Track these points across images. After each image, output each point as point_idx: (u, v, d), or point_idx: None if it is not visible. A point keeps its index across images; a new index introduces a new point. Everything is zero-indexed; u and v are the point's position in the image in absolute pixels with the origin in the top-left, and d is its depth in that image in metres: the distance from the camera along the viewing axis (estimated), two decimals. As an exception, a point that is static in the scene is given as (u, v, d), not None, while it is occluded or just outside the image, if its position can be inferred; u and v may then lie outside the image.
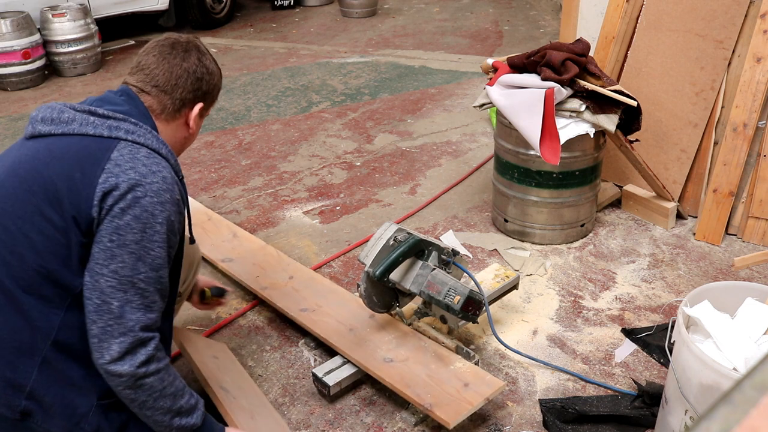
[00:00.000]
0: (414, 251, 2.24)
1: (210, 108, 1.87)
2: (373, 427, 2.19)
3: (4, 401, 1.52)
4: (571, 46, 2.94)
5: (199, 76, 1.75)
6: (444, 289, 2.16)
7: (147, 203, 1.53)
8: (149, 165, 1.57)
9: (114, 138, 1.58)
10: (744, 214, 3.13)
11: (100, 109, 1.61)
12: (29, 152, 1.61)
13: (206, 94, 1.80)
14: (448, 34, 7.05)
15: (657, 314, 2.70)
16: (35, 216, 1.52)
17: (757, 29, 2.96)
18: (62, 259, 1.52)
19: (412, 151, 4.26)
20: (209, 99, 1.83)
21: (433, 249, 2.28)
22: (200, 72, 1.76)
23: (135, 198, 1.51)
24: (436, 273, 2.20)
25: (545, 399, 2.27)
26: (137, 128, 1.62)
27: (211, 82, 1.80)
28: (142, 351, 1.53)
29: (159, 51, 1.73)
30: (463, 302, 2.14)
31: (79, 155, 1.55)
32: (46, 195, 1.52)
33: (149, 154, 1.60)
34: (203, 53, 1.79)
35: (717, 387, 1.66)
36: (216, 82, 1.83)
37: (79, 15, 5.89)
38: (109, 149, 1.56)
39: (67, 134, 1.59)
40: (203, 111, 1.82)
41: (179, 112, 1.75)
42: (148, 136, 1.63)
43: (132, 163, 1.54)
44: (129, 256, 1.52)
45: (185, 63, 1.73)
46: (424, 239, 2.25)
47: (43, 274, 1.52)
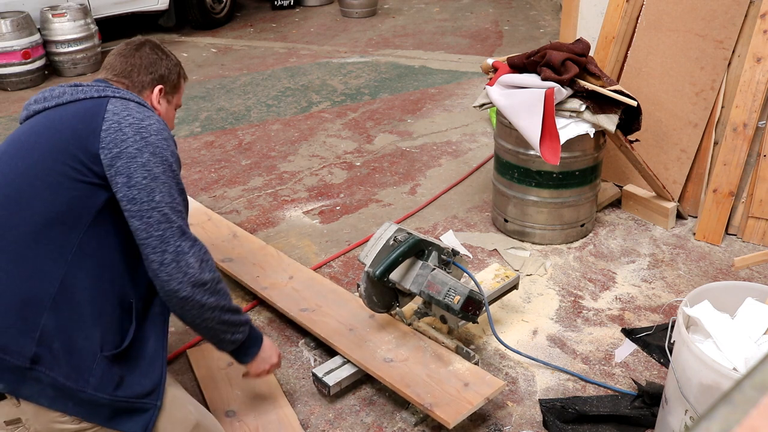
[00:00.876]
0: (414, 251, 2.24)
1: (176, 95, 2.05)
2: (373, 427, 2.19)
3: (15, 349, 1.55)
4: (571, 46, 2.94)
5: (151, 61, 1.96)
6: (444, 289, 2.16)
7: (154, 140, 1.72)
8: (142, 111, 1.77)
9: (104, 97, 1.77)
10: (744, 214, 3.13)
11: (84, 83, 1.82)
12: (27, 127, 1.79)
13: (163, 77, 1.97)
14: (448, 34, 7.05)
15: (657, 314, 2.70)
16: (41, 168, 1.66)
17: (757, 29, 2.96)
18: (69, 203, 1.64)
19: (412, 151, 4.26)
20: (169, 82, 2.00)
21: (433, 249, 2.28)
22: (152, 57, 1.97)
23: (143, 138, 1.70)
24: (436, 273, 2.20)
25: (545, 399, 2.27)
26: (122, 91, 1.82)
27: (165, 65, 1.99)
28: (209, 258, 1.76)
29: (117, 51, 1.98)
30: (463, 302, 2.14)
31: (77, 113, 1.73)
32: (50, 148, 1.68)
33: (138, 106, 1.79)
34: (156, 45, 2.01)
35: (717, 387, 1.66)
36: (171, 67, 2.01)
37: (79, 15, 5.89)
38: (103, 104, 1.74)
39: (61, 104, 1.77)
40: (167, 96, 2.00)
41: (143, 94, 1.93)
42: (133, 95, 1.84)
43: (127, 111, 1.73)
44: (164, 185, 1.70)
45: (138, 52, 1.96)
46: (424, 239, 2.25)
47: (50, 222, 1.62)
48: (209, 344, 2.39)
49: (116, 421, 1.66)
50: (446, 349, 2.31)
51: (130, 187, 1.65)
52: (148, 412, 1.71)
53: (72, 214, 1.63)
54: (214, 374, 2.34)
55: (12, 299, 1.57)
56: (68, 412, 1.61)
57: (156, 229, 1.65)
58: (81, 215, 1.64)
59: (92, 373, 1.61)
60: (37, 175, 1.66)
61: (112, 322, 1.68)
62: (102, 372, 1.63)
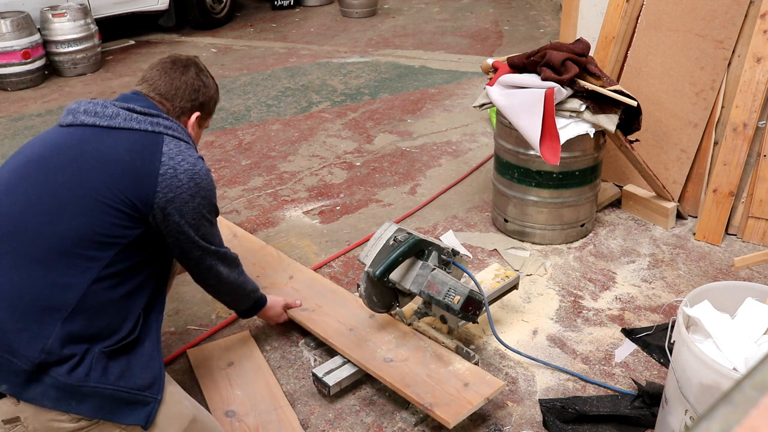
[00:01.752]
0: (414, 251, 2.24)
1: (208, 119, 2.13)
2: (373, 427, 2.19)
3: (24, 353, 1.60)
4: (571, 46, 2.94)
5: (195, 88, 2.01)
6: (444, 289, 2.15)
7: (205, 185, 1.88)
8: (191, 153, 1.87)
9: (158, 133, 1.84)
10: (744, 214, 3.13)
11: (137, 106, 1.85)
12: (75, 137, 1.80)
13: (203, 105, 2.05)
14: (448, 34, 7.05)
15: (657, 314, 2.70)
16: (90, 191, 1.71)
17: (757, 29, 2.96)
18: (108, 230, 1.71)
19: (412, 151, 4.26)
20: (206, 110, 2.08)
21: (433, 249, 2.28)
22: (197, 84, 2.02)
23: (196, 184, 1.84)
24: (436, 273, 2.20)
25: (545, 399, 2.27)
26: (171, 123, 1.89)
27: (207, 94, 2.06)
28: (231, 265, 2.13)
29: (161, 66, 2.00)
30: (463, 302, 2.14)
31: (133, 148, 1.78)
32: (104, 179, 1.73)
33: (187, 146, 1.89)
34: (201, 69, 2.06)
35: (717, 387, 1.66)
36: (212, 95, 2.09)
37: (79, 15, 5.89)
38: (159, 144, 1.81)
39: (114, 127, 1.80)
40: (201, 120, 2.07)
41: (179, 120, 1.99)
42: (181, 131, 1.91)
43: (181, 155, 1.83)
44: (208, 223, 1.94)
45: (183, 76, 2.00)
46: (424, 239, 2.25)
47: (84, 241, 1.69)
48: (209, 344, 2.46)
49: (119, 414, 1.68)
50: (446, 349, 2.31)
51: (180, 225, 1.84)
52: (149, 405, 1.74)
53: (107, 239, 1.72)
54: (214, 374, 2.35)
55: (34, 305, 1.63)
56: (72, 411, 1.63)
57: (195, 257, 1.97)
58: (115, 242, 1.73)
59: (93, 368, 1.65)
60: (84, 196, 1.71)
61: (119, 326, 1.75)
62: (103, 366, 1.67)
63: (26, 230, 1.69)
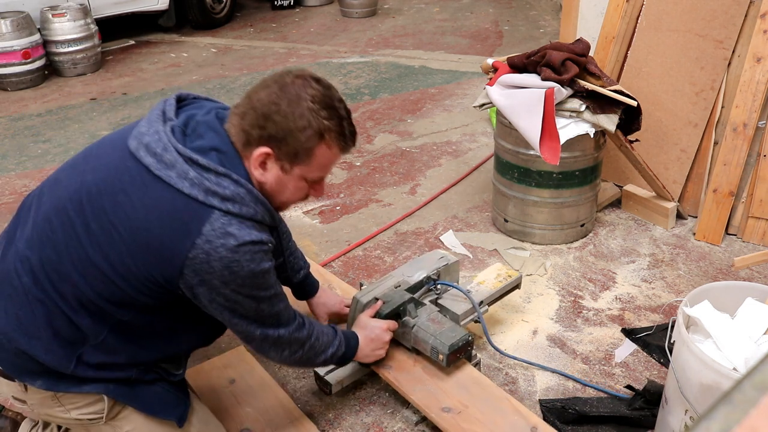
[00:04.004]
0: (392, 316, 2.18)
1: (298, 164, 1.56)
2: (373, 427, 2.19)
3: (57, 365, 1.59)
4: (571, 46, 2.94)
5: (266, 112, 1.50)
6: (427, 347, 2.12)
7: (244, 274, 1.51)
8: (240, 235, 1.48)
9: (208, 206, 1.46)
10: (744, 214, 3.13)
11: (201, 158, 1.48)
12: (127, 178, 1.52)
13: (274, 139, 1.51)
14: (448, 34, 7.05)
15: (657, 314, 2.70)
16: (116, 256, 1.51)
17: (757, 29, 2.96)
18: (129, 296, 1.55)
19: (412, 151, 4.26)
20: (282, 148, 1.53)
21: (408, 302, 2.20)
22: (269, 110, 1.50)
23: (231, 272, 1.49)
24: (416, 331, 2.15)
25: (545, 399, 2.27)
26: (235, 190, 1.49)
27: (282, 125, 1.50)
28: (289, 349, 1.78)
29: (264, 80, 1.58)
30: (447, 357, 2.07)
31: (173, 219, 1.47)
32: (131, 245, 1.49)
33: (240, 223, 1.49)
34: (294, 93, 1.51)
35: (717, 387, 1.66)
36: (292, 130, 1.50)
37: (79, 15, 5.89)
38: (202, 221, 1.46)
39: (164, 180, 1.47)
40: (281, 162, 1.55)
41: (248, 150, 1.54)
42: (245, 201, 1.50)
43: (222, 239, 1.46)
44: (252, 301, 1.59)
45: (262, 92, 1.53)
46: (398, 300, 2.18)
47: (104, 300, 1.55)
48: (205, 364, 2.39)
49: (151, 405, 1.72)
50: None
51: (211, 308, 1.58)
52: (181, 407, 1.77)
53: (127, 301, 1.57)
54: (218, 393, 2.26)
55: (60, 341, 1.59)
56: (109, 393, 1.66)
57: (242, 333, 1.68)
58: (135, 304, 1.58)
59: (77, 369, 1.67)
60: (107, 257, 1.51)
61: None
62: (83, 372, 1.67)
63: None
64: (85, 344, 1.59)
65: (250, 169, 1.56)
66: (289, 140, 1.52)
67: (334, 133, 1.56)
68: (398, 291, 2.25)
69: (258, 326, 1.65)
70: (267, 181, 1.58)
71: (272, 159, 1.54)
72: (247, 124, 1.52)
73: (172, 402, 1.76)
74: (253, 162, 1.54)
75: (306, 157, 1.55)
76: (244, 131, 1.53)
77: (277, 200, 1.64)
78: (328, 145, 1.56)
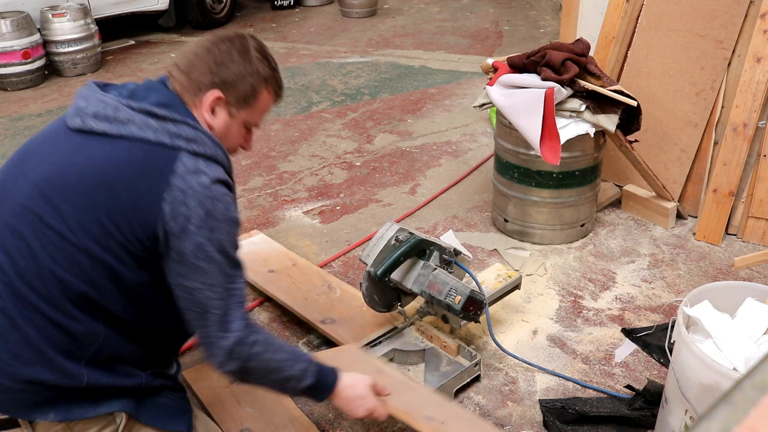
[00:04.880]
0: (415, 251, 2.24)
1: (245, 108, 1.65)
2: (373, 427, 2.19)
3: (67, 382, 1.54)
4: (571, 46, 2.94)
5: (218, 60, 1.60)
6: (445, 289, 2.16)
7: (220, 218, 1.51)
8: (211, 174, 1.52)
9: (176, 148, 1.50)
10: (744, 214, 3.13)
11: (158, 109, 1.52)
12: (84, 151, 1.52)
13: (226, 84, 1.60)
14: (448, 34, 7.05)
15: (657, 314, 2.70)
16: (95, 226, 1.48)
17: (757, 29, 2.96)
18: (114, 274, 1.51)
19: (412, 151, 4.26)
20: (232, 93, 1.62)
21: (434, 249, 2.28)
22: (222, 57, 1.60)
23: (207, 212, 1.49)
24: (437, 273, 2.20)
25: (545, 399, 2.27)
26: (196, 133, 1.54)
27: (234, 71, 1.60)
28: (243, 350, 1.57)
29: (198, 41, 1.67)
30: (464, 302, 2.14)
31: (144, 165, 1.48)
32: (107, 205, 1.47)
33: (208, 163, 1.54)
34: (244, 46, 1.63)
35: (717, 387, 1.66)
36: (244, 75, 1.61)
37: (79, 15, 5.89)
38: (173, 160, 1.49)
39: (125, 137, 1.50)
40: (230, 107, 1.64)
41: (197, 97, 1.61)
42: (206, 143, 1.56)
43: (197, 178, 1.49)
44: (216, 266, 1.53)
45: (211, 47, 1.62)
46: (426, 239, 2.26)
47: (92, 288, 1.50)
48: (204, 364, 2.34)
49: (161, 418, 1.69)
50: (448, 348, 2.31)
51: (178, 260, 1.52)
52: (187, 416, 1.74)
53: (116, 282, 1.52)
54: (219, 393, 2.25)
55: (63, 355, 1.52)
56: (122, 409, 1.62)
57: (195, 308, 1.56)
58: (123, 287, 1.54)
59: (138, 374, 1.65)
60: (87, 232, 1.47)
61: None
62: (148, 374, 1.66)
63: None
64: (87, 350, 1.54)
65: (201, 117, 1.63)
66: (239, 85, 1.62)
67: (273, 80, 1.71)
68: (421, 234, 2.28)
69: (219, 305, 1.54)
70: (216, 125, 1.65)
71: (222, 104, 1.63)
72: (196, 73, 1.60)
73: (178, 411, 1.74)
74: (205, 106, 1.61)
75: (253, 100, 1.66)
76: (193, 81, 1.60)
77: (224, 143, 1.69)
78: (269, 92, 1.70)
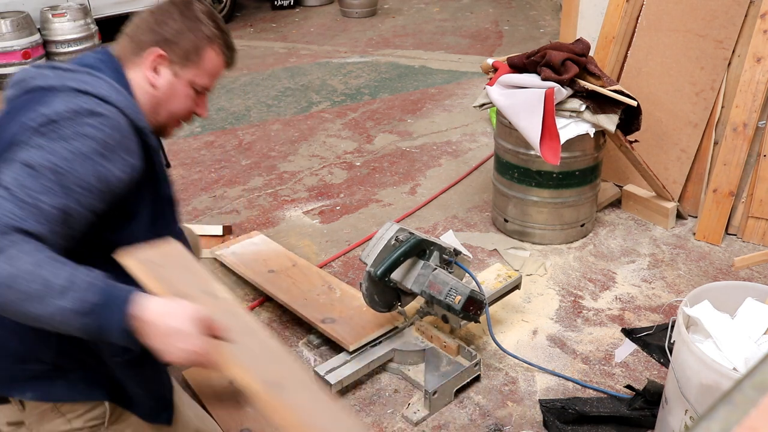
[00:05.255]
0: (415, 251, 2.24)
1: (189, 67, 1.57)
2: (373, 427, 2.19)
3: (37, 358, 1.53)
4: (571, 46, 2.94)
5: (159, 18, 1.56)
6: (445, 289, 2.16)
7: (65, 129, 1.32)
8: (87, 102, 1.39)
9: (62, 88, 1.40)
10: (744, 214, 3.13)
11: (65, 65, 1.48)
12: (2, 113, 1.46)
13: (167, 41, 1.54)
14: (448, 34, 7.05)
15: (657, 314, 2.70)
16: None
17: (757, 29, 2.96)
18: None
19: (412, 151, 4.26)
20: (174, 50, 1.55)
21: (434, 249, 2.28)
22: (163, 17, 1.56)
23: (51, 117, 1.33)
24: (437, 273, 2.20)
25: (545, 399, 2.27)
26: (92, 78, 1.44)
27: (176, 28, 1.55)
28: None
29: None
30: (464, 302, 2.14)
31: (23, 106, 1.40)
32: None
33: (89, 99, 1.39)
34: (184, 6, 1.57)
35: (717, 387, 1.66)
36: (184, 31, 1.56)
37: (79, 15, 5.89)
38: (51, 94, 1.38)
39: (26, 91, 1.44)
40: (174, 65, 1.56)
41: (139, 56, 1.55)
42: (100, 84, 1.43)
43: (66, 102, 1.36)
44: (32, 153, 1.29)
45: (154, 9, 1.58)
46: (426, 239, 2.26)
47: None
48: None
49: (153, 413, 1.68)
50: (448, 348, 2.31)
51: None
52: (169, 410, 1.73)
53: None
54: (219, 393, 2.26)
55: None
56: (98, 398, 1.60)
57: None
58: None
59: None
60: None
61: None
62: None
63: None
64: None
65: (142, 76, 1.55)
66: (181, 41, 1.56)
67: (221, 41, 1.63)
68: (421, 234, 2.28)
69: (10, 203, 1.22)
70: (159, 85, 1.57)
71: (165, 62, 1.56)
72: (139, 33, 1.56)
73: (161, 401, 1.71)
74: (147, 64, 1.55)
75: (197, 57, 1.58)
76: (135, 41, 1.56)
77: (166, 110, 1.61)
78: (216, 52, 1.62)
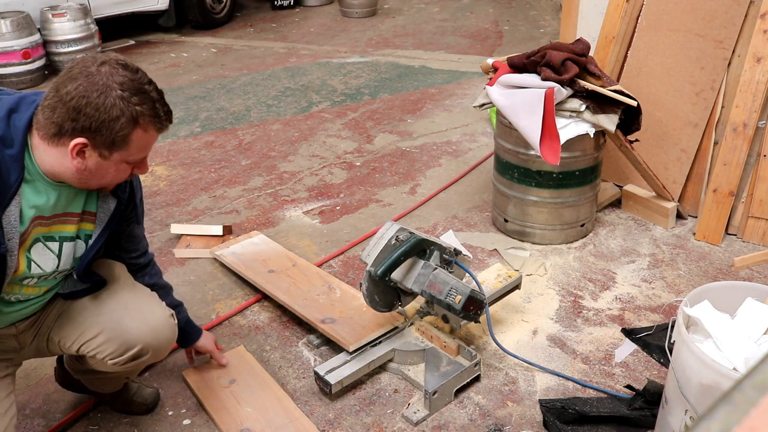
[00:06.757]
0: (416, 251, 2.24)
1: (113, 151, 1.55)
2: (373, 427, 2.19)
3: None
4: (571, 46, 2.94)
5: (75, 106, 1.48)
6: (445, 288, 2.16)
7: None
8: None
9: None
10: (744, 214, 3.13)
11: None
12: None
13: (87, 130, 1.50)
14: (448, 34, 7.06)
15: (657, 314, 2.70)
16: None
17: (757, 29, 2.96)
18: None
19: (412, 151, 4.26)
20: (98, 140, 1.52)
21: (435, 248, 2.28)
22: (79, 102, 1.48)
23: None
24: (437, 272, 2.20)
25: (545, 399, 2.27)
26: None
27: (94, 117, 1.48)
28: None
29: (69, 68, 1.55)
30: (465, 302, 2.14)
31: None
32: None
33: None
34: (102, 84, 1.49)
35: (717, 387, 1.66)
36: (105, 120, 1.49)
37: (79, 15, 5.89)
38: None
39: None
40: (96, 149, 1.54)
41: (58, 138, 1.52)
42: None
43: None
44: None
45: (70, 85, 1.49)
46: (426, 239, 2.26)
47: None
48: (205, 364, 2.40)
49: None
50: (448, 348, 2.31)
51: None
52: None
53: None
54: (218, 394, 2.27)
55: None
56: None
57: None
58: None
59: None
60: None
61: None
62: None
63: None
64: None
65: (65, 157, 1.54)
66: (103, 131, 1.51)
67: (148, 116, 1.56)
68: (422, 234, 2.28)
69: None
70: (87, 167, 1.56)
71: (89, 148, 1.53)
72: (57, 117, 1.50)
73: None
74: (71, 153, 1.52)
75: (123, 143, 1.55)
76: (55, 123, 1.51)
77: (100, 182, 1.64)
78: (144, 129, 1.57)
